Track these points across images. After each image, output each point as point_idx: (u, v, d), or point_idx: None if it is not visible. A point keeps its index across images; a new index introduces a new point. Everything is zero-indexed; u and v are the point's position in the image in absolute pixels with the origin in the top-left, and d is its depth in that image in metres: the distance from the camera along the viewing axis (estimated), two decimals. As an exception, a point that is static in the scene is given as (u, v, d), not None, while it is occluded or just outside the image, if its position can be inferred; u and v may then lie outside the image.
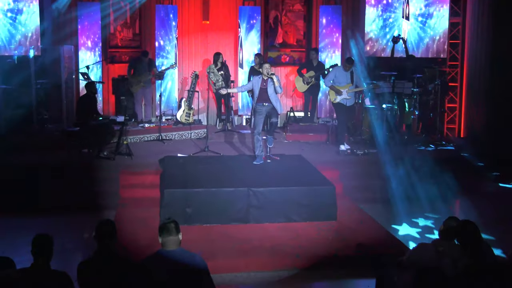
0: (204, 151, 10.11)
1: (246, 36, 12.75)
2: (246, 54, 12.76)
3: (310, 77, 11.98)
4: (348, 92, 10.30)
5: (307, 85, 12.04)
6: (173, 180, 8.07)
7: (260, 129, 9.11)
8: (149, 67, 11.87)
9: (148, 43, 12.78)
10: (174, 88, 12.77)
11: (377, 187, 8.96)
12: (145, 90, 12.00)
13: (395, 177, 8.95)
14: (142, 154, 10.04)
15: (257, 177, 8.34)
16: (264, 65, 8.99)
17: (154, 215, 7.65)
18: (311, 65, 12.10)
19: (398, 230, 7.77)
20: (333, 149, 10.68)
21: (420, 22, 12.63)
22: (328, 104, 12.78)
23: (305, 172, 8.68)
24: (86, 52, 12.17)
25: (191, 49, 13.02)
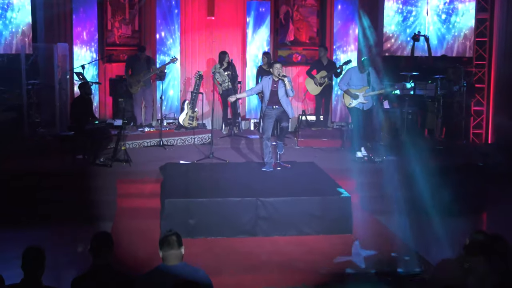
0: (209, 158, 10.12)
1: (254, 33, 12.77)
2: (254, 52, 12.79)
3: (322, 78, 11.95)
4: (364, 96, 10.29)
5: (320, 86, 12.02)
6: (175, 189, 8.07)
7: (270, 134, 9.13)
8: (147, 64, 11.89)
9: (148, 41, 12.82)
10: (176, 90, 12.80)
11: (397, 197, 8.92)
12: (145, 91, 12.04)
13: (416, 187, 8.92)
14: (141, 160, 10.06)
15: (266, 186, 8.33)
16: (274, 65, 9.00)
17: (154, 227, 7.65)
18: (321, 65, 12.09)
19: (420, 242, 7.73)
20: (348, 156, 10.66)
21: (443, 17, 12.62)
22: (342, 106, 12.78)
23: (318, 181, 8.66)
24: (81, 50, 12.23)
25: (195, 47, 13.05)
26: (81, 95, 10.21)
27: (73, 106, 10.37)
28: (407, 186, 8.97)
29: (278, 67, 8.94)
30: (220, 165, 9.76)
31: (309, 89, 12.16)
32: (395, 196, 8.95)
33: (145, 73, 11.81)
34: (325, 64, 12.08)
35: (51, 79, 11.65)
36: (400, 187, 9.04)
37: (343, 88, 10.42)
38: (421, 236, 7.99)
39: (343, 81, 10.44)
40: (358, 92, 10.29)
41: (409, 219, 8.44)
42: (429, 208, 8.56)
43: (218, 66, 11.86)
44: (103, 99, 12.65)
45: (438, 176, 9.04)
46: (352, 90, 10.30)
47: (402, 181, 9.10)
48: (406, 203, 8.72)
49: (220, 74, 11.78)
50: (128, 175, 9.25)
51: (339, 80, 10.72)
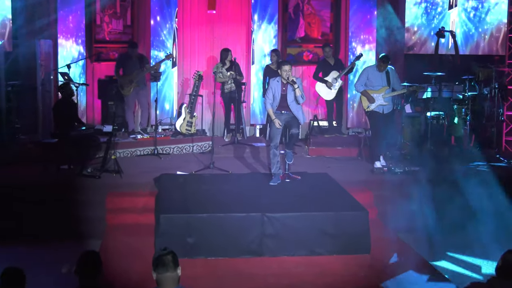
0: (209, 168, 10.14)
1: (260, 29, 12.80)
2: (259, 50, 12.82)
3: (335, 79, 11.92)
4: (384, 97, 10.30)
5: (335, 89, 11.99)
6: (171, 204, 8.09)
7: (278, 141, 9.14)
8: (140, 63, 11.91)
9: (142, 37, 12.86)
10: (173, 92, 12.84)
11: (420, 213, 8.91)
12: (139, 92, 12.05)
13: (441, 201, 8.90)
14: (133, 171, 10.08)
15: (274, 200, 8.34)
16: (283, 67, 8.97)
17: (147, 246, 7.65)
18: (328, 65, 12.08)
19: (445, 265, 7.72)
20: (366, 166, 10.66)
21: (470, 11, 12.63)
22: (357, 110, 12.78)
23: (332, 195, 8.66)
24: (67, 47, 12.28)
25: (194, 44, 13.07)
26: (63, 97, 10.23)
27: (55, 110, 10.39)
28: (432, 200, 8.96)
29: (287, 69, 8.91)
30: (222, 177, 9.77)
31: (323, 95, 12.09)
32: (419, 212, 8.95)
33: (138, 73, 11.83)
34: (333, 64, 12.08)
35: (33, 80, 11.69)
36: (424, 202, 9.03)
37: (360, 90, 10.44)
38: (447, 256, 7.98)
39: (360, 82, 10.45)
40: (377, 93, 10.30)
41: (434, 237, 8.43)
42: (457, 225, 8.55)
43: (220, 65, 11.89)
44: (91, 103, 12.68)
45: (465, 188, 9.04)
46: (370, 92, 10.32)
47: (426, 195, 9.09)
48: (431, 219, 8.71)
49: (222, 74, 11.81)
50: (119, 188, 9.27)
51: (355, 81, 10.74)
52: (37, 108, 11.64)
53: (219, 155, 11.12)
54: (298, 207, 8.01)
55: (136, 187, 9.32)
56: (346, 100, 12.87)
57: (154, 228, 7.92)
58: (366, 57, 12.56)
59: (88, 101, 12.60)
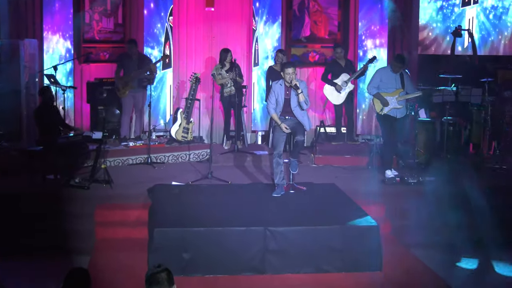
0: (207, 178, 10.14)
1: (262, 27, 12.82)
2: (262, 50, 12.84)
3: (345, 82, 11.94)
4: (398, 100, 10.31)
5: (345, 93, 12.00)
6: (166, 217, 8.08)
7: (281, 149, 9.14)
8: (140, 63, 11.91)
9: (134, 37, 12.85)
10: (168, 95, 12.85)
11: (436, 227, 8.91)
12: (135, 95, 12.03)
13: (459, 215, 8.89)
14: (125, 181, 10.08)
15: (277, 212, 8.34)
16: (286, 70, 8.94)
17: (140, 262, 7.64)
18: (339, 67, 12.11)
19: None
20: (377, 176, 10.65)
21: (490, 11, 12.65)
22: (368, 116, 12.79)
23: (340, 207, 8.66)
24: (53, 47, 12.30)
25: (191, 44, 13.07)
26: (44, 102, 10.24)
27: (37, 116, 10.36)
28: (449, 214, 8.95)
29: (290, 72, 8.89)
30: (221, 187, 9.78)
31: (331, 99, 12.11)
32: (434, 226, 8.94)
33: (136, 73, 11.84)
34: (343, 66, 12.10)
35: (17, 83, 11.67)
36: (439, 215, 9.03)
37: (373, 92, 10.45)
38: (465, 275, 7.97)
39: (372, 84, 10.46)
40: (391, 96, 10.32)
41: (451, 254, 8.42)
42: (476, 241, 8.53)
43: (219, 67, 11.89)
44: (79, 107, 12.69)
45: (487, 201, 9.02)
46: (384, 94, 10.33)
47: (442, 208, 9.09)
48: (448, 234, 8.70)
49: (221, 76, 11.81)
50: (109, 199, 9.27)
51: (368, 83, 10.74)
52: (21, 113, 11.63)
53: (218, 164, 11.12)
54: (304, 221, 8.00)
55: (128, 198, 9.32)
56: (356, 105, 12.87)
57: (147, 243, 7.92)
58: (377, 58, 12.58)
59: (76, 105, 12.61)
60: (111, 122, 12.12)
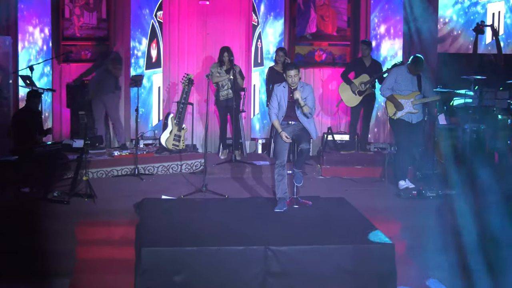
0: (201, 192, 10.14)
1: (264, 23, 12.83)
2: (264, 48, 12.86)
3: (363, 84, 11.92)
4: (414, 104, 10.31)
5: (359, 95, 12.00)
6: (155, 234, 8.08)
7: (285, 159, 9.13)
8: (112, 62, 11.91)
9: (119, 34, 12.88)
10: (157, 99, 12.85)
11: (457, 247, 8.90)
12: (105, 99, 12.01)
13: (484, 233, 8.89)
14: (109, 195, 10.08)
15: (279, 230, 8.33)
16: (288, 72, 8.92)
17: (126, 286, 7.65)
18: (362, 66, 12.12)
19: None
20: (391, 190, 10.66)
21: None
22: (381, 122, 12.79)
23: (350, 224, 8.65)
24: (29, 45, 12.31)
25: (183, 41, 13.10)
26: (27, 106, 10.24)
27: (16, 121, 10.39)
28: (472, 232, 8.94)
29: (292, 75, 8.87)
30: (217, 202, 9.77)
31: (345, 99, 12.09)
32: (455, 245, 8.94)
33: (100, 73, 11.84)
34: (368, 65, 12.10)
35: (-12, 85, 11.73)
36: (461, 233, 9.02)
37: (386, 94, 10.46)
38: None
39: (386, 85, 10.48)
40: (406, 99, 10.32)
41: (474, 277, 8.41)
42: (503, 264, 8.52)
43: (216, 66, 11.87)
44: (58, 112, 12.69)
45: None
46: (398, 97, 10.33)
47: (465, 225, 9.08)
48: (471, 255, 8.69)
49: (220, 76, 11.80)
50: (92, 215, 9.25)
51: (382, 85, 10.74)
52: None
53: (213, 176, 11.13)
54: (309, 239, 7.99)
55: (113, 214, 9.31)
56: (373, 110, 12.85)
57: (134, 265, 7.91)
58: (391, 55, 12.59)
59: (55, 110, 12.61)
60: (94, 129, 12.11)
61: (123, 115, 12.80)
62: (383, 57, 12.75)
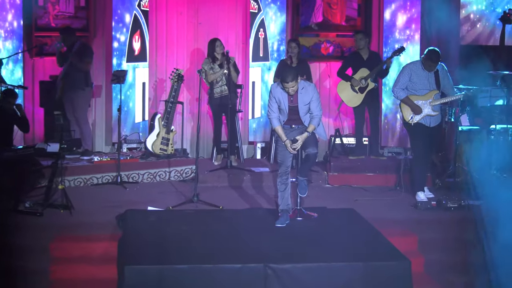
0: (192, 202, 10.13)
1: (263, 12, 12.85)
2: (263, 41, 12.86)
3: (363, 79, 11.91)
4: (432, 105, 10.29)
5: (361, 93, 11.99)
6: (140, 251, 8.07)
7: (289, 166, 9.12)
8: (77, 55, 11.86)
9: (100, 23, 12.88)
10: (142, 97, 12.85)
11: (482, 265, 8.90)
12: (74, 95, 11.98)
13: None
14: (88, 206, 10.07)
15: (280, 246, 8.33)
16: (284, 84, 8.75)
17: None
18: (360, 60, 12.12)
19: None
20: (407, 200, 10.66)
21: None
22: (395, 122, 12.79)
23: (361, 238, 8.65)
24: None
25: (171, 32, 13.10)
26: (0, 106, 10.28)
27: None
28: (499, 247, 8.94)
29: (289, 87, 8.71)
30: (210, 214, 9.77)
31: (344, 99, 12.08)
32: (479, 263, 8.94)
33: (67, 66, 11.83)
34: (366, 59, 12.10)
35: (-49, 82, 11.74)
36: (487, 248, 9.02)
37: (401, 96, 10.36)
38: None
39: (400, 85, 10.38)
40: (423, 99, 10.29)
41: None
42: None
43: (209, 61, 11.85)
44: (31, 112, 12.67)
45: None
46: (414, 98, 10.29)
47: (491, 239, 9.07)
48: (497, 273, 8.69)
49: (213, 71, 11.78)
50: (68, 229, 9.25)
51: (394, 84, 10.69)
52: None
53: (206, 184, 11.14)
54: (315, 256, 7.99)
55: (92, 228, 9.30)
56: (381, 109, 12.86)
57: (116, 285, 7.91)
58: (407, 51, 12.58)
59: (27, 110, 12.57)
60: (71, 131, 12.10)
61: (103, 116, 12.79)
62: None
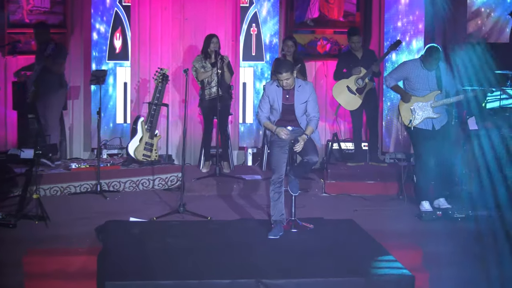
0: (178, 213, 10.13)
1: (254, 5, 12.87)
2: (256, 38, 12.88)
3: (360, 79, 11.91)
4: (434, 107, 10.30)
5: (359, 94, 11.98)
6: (122, 265, 8.06)
7: (283, 174, 9.10)
8: (51, 59, 11.85)
9: (78, 20, 12.88)
10: (123, 99, 12.85)
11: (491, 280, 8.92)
12: (46, 98, 11.98)
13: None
14: (65, 217, 10.07)
15: (274, 259, 8.32)
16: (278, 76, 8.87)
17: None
18: (354, 59, 12.16)
19: None
20: (410, 210, 10.68)
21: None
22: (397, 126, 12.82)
23: (360, 251, 8.66)
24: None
25: (155, 29, 13.10)
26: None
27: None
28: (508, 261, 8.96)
29: (283, 79, 8.80)
30: (197, 225, 9.78)
31: (342, 102, 12.07)
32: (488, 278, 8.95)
33: (38, 64, 11.83)
34: (360, 57, 12.13)
35: None
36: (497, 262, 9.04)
37: (391, 84, 10.41)
38: None
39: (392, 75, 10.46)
40: (423, 101, 10.30)
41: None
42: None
43: (201, 58, 11.84)
44: (3, 115, 12.67)
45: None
46: (414, 99, 10.29)
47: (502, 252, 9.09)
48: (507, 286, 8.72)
49: (204, 70, 11.77)
50: (44, 242, 9.23)
51: (388, 73, 10.71)
52: None
53: (193, 193, 11.15)
54: (311, 271, 7.98)
55: (70, 240, 9.29)
56: (381, 110, 12.88)
57: (96, 302, 7.91)
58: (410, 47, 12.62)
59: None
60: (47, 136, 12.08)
61: (82, 119, 12.80)
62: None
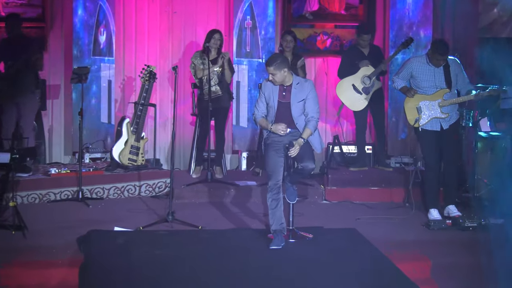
0: (166, 222, 10.14)
1: None
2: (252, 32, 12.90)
3: (367, 77, 11.91)
4: (442, 106, 10.30)
5: (365, 94, 11.97)
6: (106, 279, 8.06)
7: (280, 179, 9.11)
8: (24, 50, 11.83)
9: (58, 13, 12.89)
10: (107, 98, 12.85)
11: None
12: (20, 99, 11.92)
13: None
14: (45, 226, 10.08)
15: (271, 272, 8.34)
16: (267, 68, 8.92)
17: None
18: (360, 56, 12.18)
19: None
20: (417, 218, 10.69)
21: None
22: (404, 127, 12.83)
23: (363, 263, 8.67)
24: None
25: (142, 23, 13.12)
26: None
27: None
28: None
29: (272, 73, 8.84)
30: (187, 235, 9.78)
31: (346, 102, 12.07)
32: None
33: (14, 66, 11.81)
34: (367, 54, 12.15)
35: None
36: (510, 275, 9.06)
37: (398, 86, 10.45)
38: None
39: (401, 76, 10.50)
40: (431, 99, 10.30)
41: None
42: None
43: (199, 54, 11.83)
44: (-24, 117, 12.70)
45: None
46: (420, 97, 10.30)
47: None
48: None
49: (203, 67, 11.75)
50: (21, 253, 9.22)
51: (395, 73, 10.73)
52: None
53: (183, 201, 11.16)
54: (310, 284, 7.99)
55: (49, 252, 9.29)
56: (386, 112, 12.88)
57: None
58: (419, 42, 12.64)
59: (-28, 114, 12.62)
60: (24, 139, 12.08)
61: (62, 121, 12.80)
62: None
